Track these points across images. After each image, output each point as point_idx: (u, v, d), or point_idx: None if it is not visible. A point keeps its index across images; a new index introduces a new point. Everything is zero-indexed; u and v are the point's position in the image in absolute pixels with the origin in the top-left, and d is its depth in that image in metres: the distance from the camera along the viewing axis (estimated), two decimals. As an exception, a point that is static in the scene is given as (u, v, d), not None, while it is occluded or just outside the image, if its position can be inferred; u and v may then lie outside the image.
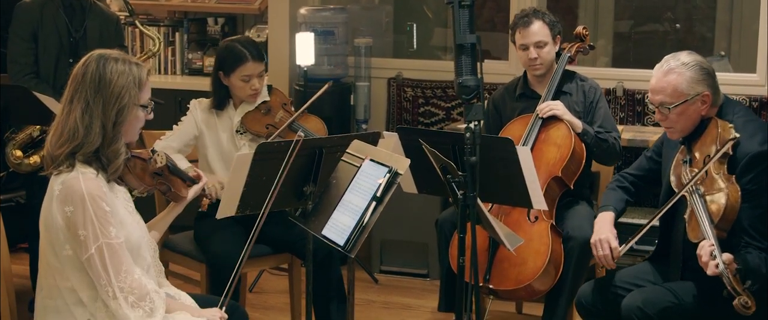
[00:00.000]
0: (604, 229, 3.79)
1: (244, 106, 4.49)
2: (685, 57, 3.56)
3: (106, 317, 3.08)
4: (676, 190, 3.48)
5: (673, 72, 3.54)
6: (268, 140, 4.33)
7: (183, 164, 4.27)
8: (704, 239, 3.20)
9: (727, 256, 3.08)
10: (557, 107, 4.43)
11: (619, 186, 3.97)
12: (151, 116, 3.18)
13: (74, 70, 3.10)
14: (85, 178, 3.01)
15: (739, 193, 3.27)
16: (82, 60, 3.10)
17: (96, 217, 2.99)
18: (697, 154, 3.49)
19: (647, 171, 3.90)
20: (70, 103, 3.06)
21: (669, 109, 3.54)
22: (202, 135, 4.47)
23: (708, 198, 3.30)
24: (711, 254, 3.12)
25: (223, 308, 3.33)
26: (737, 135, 3.38)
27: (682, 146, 3.63)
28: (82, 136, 3.02)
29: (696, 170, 3.40)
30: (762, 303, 3.44)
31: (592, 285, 3.84)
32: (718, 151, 3.36)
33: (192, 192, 3.47)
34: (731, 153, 3.38)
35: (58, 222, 3.03)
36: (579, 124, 4.42)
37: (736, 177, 3.34)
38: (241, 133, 4.48)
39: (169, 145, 4.37)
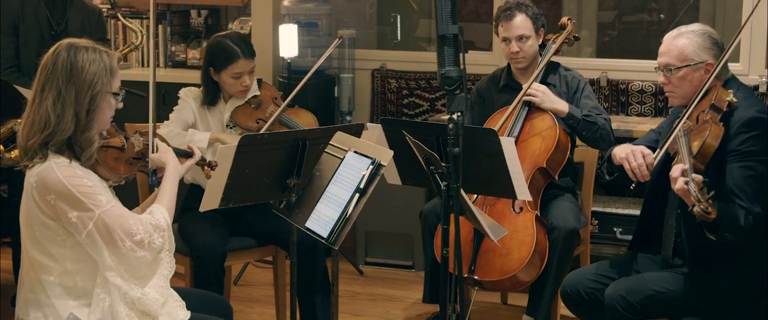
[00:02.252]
0: (628, 146, 3.71)
1: (234, 101, 4.48)
2: (697, 26, 3.63)
3: (103, 293, 3.07)
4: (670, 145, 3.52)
5: (683, 36, 3.60)
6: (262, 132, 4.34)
7: (199, 137, 4.29)
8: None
9: (698, 177, 3.12)
10: (537, 94, 4.42)
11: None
12: (121, 105, 3.17)
13: (43, 60, 3.08)
14: (58, 166, 3.00)
15: (722, 132, 3.33)
16: (51, 49, 3.09)
17: (82, 194, 2.99)
18: (693, 113, 3.52)
19: (654, 141, 3.89)
20: (40, 93, 3.05)
21: (671, 70, 3.58)
22: (196, 124, 4.45)
23: (693, 137, 3.36)
24: (682, 172, 3.16)
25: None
26: (735, 99, 3.45)
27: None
28: (54, 124, 3.01)
29: (689, 122, 3.46)
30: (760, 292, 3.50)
31: (578, 274, 3.85)
32: (706, 90, 3.45)
33: (185, 167, 3.41)
34: (725, 110, 3.42)
35: (42, 212, 3.02)
36: (564, 109, 4.41)
37: (730, 137, 3.39)
38: (231, 128, 4.47)
39: (171, 130, 4.35)
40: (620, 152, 3.68)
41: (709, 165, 3.33)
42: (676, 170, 3.21)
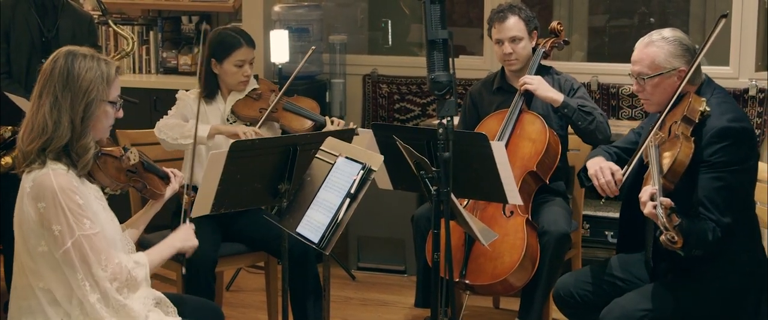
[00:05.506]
0: (600, 161, 3.73)
1: (234, 95, 4.52)
2: (667, 32, 3.61)
3: (81, 316, 3.06)
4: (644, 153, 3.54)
5: (654, 45, 3.58)
6: (262, 120, 4.41)
7: (199, 127, 4.26)
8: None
9: (666, 200, 3.13)
10: (532, 81, 4.44)
11: (604, 150, 3.94)
12: (121, 114, 3.18)
13: (43, 66, 3.11)
14: (55, 174, 3.01)
15: (692, 150, 3.32)
16: (51, 56, 3.11)
17: (69, 211, 2.99)
18: (666, 122, 3.53)
19: (632, 143, 3.90)
20: (39, 99, 3.07)
21: (644, 79, 3.58)
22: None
23: (663, 153, 3.37)
24: (651, 196, 3.16)
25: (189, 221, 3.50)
26: (708, 108, 3.43)
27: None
28: (51, 130, 3.02)
29: (661, 133, 3.46)
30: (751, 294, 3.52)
31: (571, 276, 3.86)
32: (679, 98, 3.45)
33: (169, 190, 3.48)
34: (697, 121, 3.41)
35: (31, 219, 3.03)
36: (559, 98, 4.42)
37: (702, 148, 3.39)
38: (232, 123, 4.49)
39: (168, 122, 4.37)
40: (591, 167, 3.71)
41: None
42: (645, 193, 3.21)
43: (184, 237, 3.43)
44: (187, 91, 4.55)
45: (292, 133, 4.56)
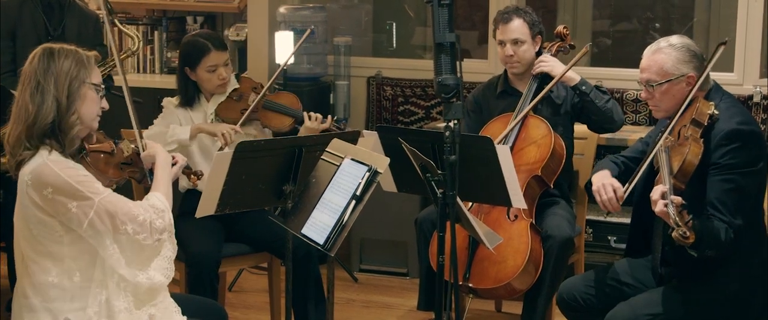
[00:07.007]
0: (604, 177, 3.75)
1: (216, 98, 4.52)
2: (675, 39, 3.64)
3: (111, 286, 3.11)
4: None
5: (662, 52, 3.60)
6: (241, 121, 4.41)
7: (179, 130, 4.36)
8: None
9: (677, 198, 3.14)
10: (547, 60, 4.49)
11: (611, 160, 3.95)
12: (107, 105, 3.21)
13: (23, 68, 3.14)
14: (52, 162, 3.04)
15: (701, 150, 3.35)
16: (30, 57, 3.15)
17: (79, 183, 3.03)
18: (676, 127, 3.54)
19: (640, 153, 3.91)
20: (20, 92, 3.10)
21: (653, 86, 3.59)
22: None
23: (674, 155, 3.38)
24: (662, 195, 3.18)
25: None
26: (716, 111, 3.46)
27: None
28: (34, 113, 3.04)
29: (670, 138, 3.48)
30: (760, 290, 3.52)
31: (575, 280, 3.86)
32: (689, 103, 3.48)
33: (175, 169, 3.46)
34: (706, 124, 3.43)
35: (38, 209, 3.04)
36: (576, 77, 4.47)
37: (711, 150, 3.41)
38: None
39: (151, 132, 4.37)
40: (595, 182, 3.73)
41: (690, 178, 3.35)
42: (656, 192, 3.22)
43: (165, 164, 3.37)
44: (171, 97, 4.57)
45: (273, 130, 4.56)
